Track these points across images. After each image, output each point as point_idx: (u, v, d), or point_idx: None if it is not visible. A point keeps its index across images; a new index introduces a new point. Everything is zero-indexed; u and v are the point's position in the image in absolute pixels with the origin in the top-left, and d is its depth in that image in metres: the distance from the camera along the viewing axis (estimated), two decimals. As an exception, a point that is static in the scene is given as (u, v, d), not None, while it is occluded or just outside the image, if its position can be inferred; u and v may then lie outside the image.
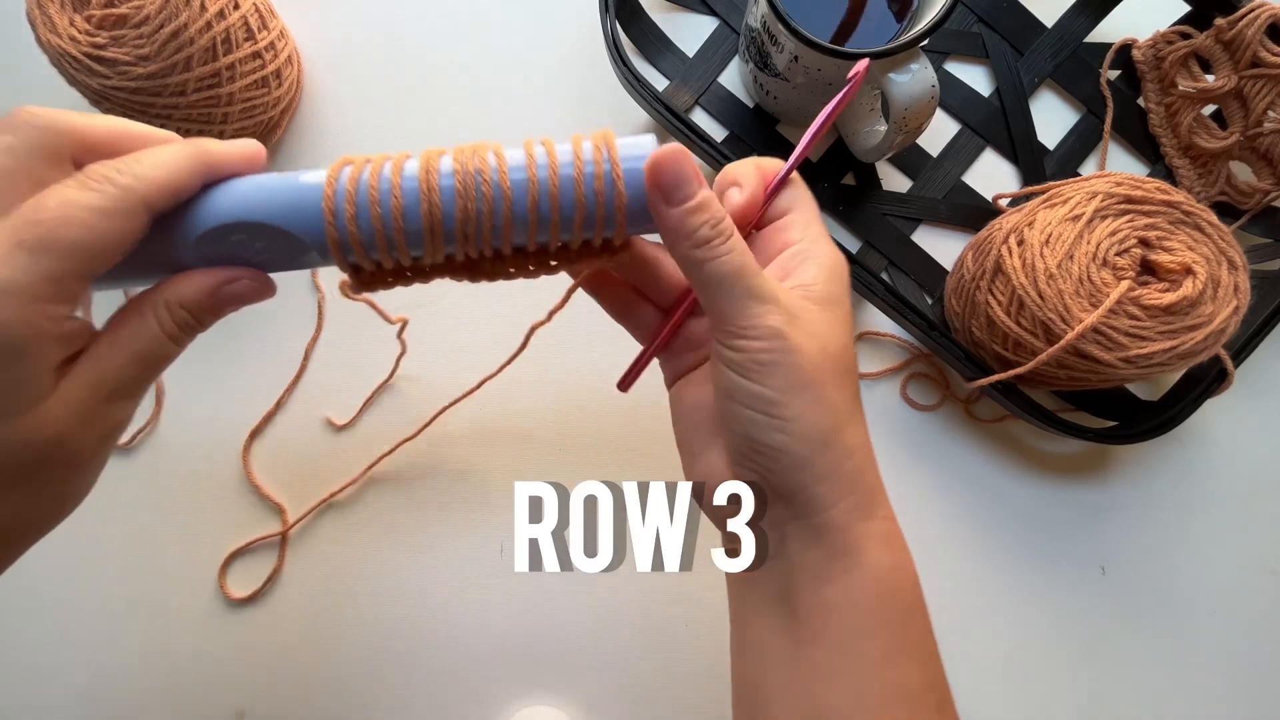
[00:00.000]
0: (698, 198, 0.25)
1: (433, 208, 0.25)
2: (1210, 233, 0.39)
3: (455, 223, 0.25)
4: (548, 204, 0.25)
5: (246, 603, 0.43)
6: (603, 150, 0.25)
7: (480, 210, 0.25)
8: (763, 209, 0.29)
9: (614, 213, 0.26)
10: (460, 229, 0.25)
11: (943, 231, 0.47)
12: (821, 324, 0.26)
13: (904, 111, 0.38)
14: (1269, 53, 0.43)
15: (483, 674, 0.43)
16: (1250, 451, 0.46)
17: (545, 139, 0.26)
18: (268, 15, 0.42)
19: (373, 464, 0.43)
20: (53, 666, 0.42)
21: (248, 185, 0.25)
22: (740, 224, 0.28)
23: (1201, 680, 0.44)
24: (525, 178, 0.25)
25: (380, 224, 0.25)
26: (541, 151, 0.25)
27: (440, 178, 0.25)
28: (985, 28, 0.49)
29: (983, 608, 0.45)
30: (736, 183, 0.28)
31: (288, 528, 0.43)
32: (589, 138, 0.26)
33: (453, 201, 0.25)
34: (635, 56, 0.48)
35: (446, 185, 0.25)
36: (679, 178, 0.25)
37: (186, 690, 0.42)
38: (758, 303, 0.25)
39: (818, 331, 0.26)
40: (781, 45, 0.39)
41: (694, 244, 0.25)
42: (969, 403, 0.46)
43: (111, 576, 0.43)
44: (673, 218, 0.25)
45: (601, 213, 0.25)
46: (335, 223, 0.25)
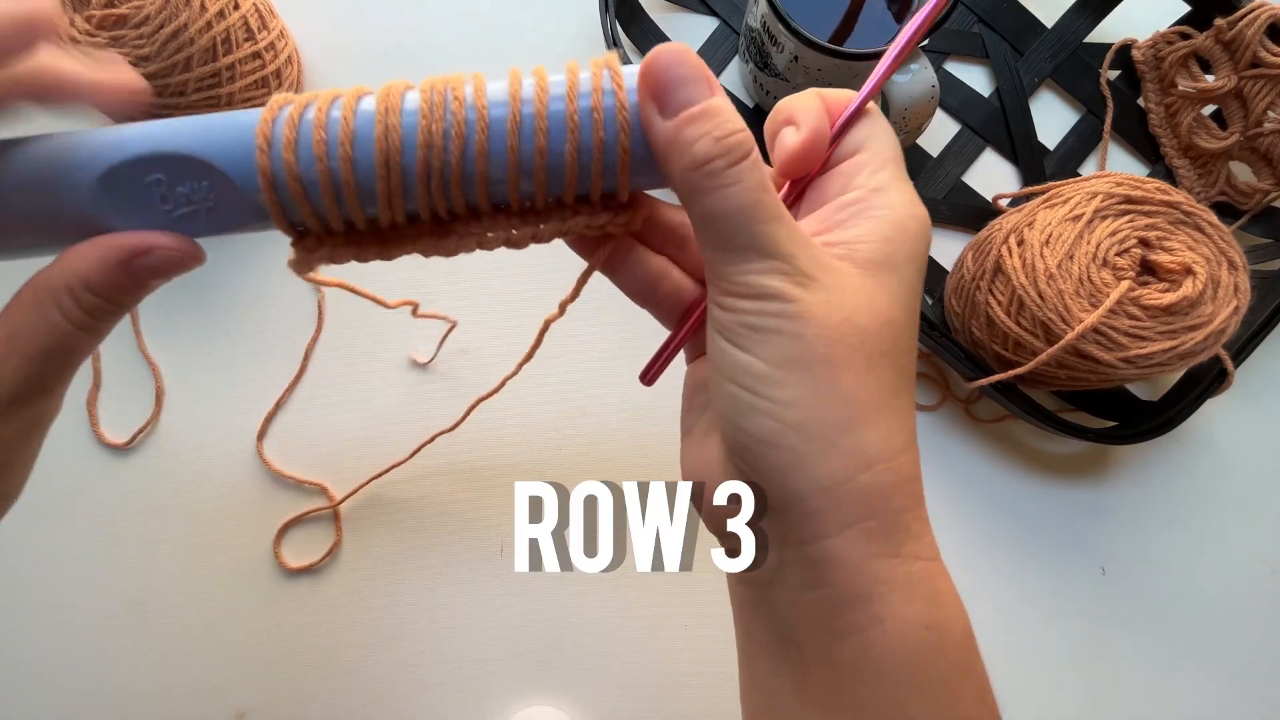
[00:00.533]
0: (701, 104, 0.20)
1: (390, 131, 0.20)
2: (1210, 233, 0.39)
3: (417, 161, 0.20)
4: (531, 142, 0.20)
5: (247, 602, 0.43)
6: (602, 77, 0.20)
7: (449, 143, 0.20)
8: (829, 152, 0.23)
9: (615, 157, 0.21)
10: (423, 167, 0.20)
11: (943, 231, 0.47)
12: (855, 292, 0.20)
13: (904, 111, 0.38)
14: (1269, 53, 0.43)
15: (483, 674, 0.43)
16: (1250, 451, 0.46)
17: (538, 67, 0.21)
18: (268, 15, 0.42)
19: (379, 473, 0.43)
20: (53, 667, 0.42)
21: (168, 120, 0.21)
22: (797, 171, 0.22)
23: (1201, 680, 0.44)
24: (506, 113, 0.20)
25: (324, 151, 0.20)
26: (530, 84, 0.20)
27: (404, 103, 0.20)
28: (985, 28, 0.49)
29: (983, 608, 0.45)
30: (792, 120, 0.22)
31: (286, 526, 0.43)
32: (589, 67, 0.21)
33: (414, 130, 0.20)
34: (635, 56, 0.48)
35: (409, 110, 0.20)
36: (678, 78, 0.20)
37: (187, 690, 0.42)
38: (759, 256, 0.20)
39: (845, 300, 0.20)
40: (781, 45, 0.39)
41: (689, 165, 0.20)
42: (969, 403, 0.46)
43: (110, 577, 0.43)
44: (666, 131, 0.20)
45: (600, 155, 0.20)
46: (270, 150, 0.20)
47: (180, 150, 0.20)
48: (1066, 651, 0.44)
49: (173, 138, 0.20)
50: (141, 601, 0.43)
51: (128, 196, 0.21)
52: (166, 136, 0.20)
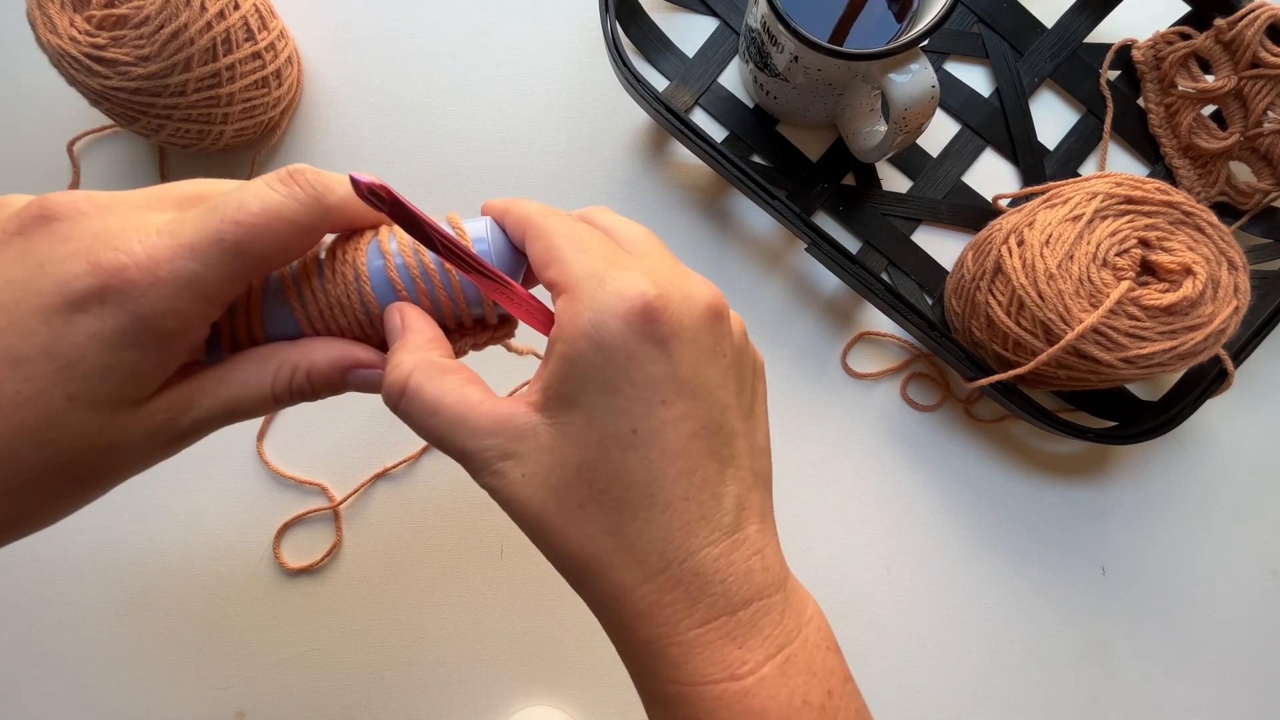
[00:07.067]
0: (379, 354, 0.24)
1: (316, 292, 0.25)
2: (1210, 233, 0.39)
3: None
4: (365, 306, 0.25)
5: (247, 602, 0.43)
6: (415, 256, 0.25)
7: (342, 308, 0.25)
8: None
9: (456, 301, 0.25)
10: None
11: (943, 231, 0.47)
12: (547, 451, 0.22)
13: (904, 112, 0.38)
14: (1269, 53, 0.43)
15: (483, 674, 0.43)
16: (1250, 451, 0.46)
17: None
18: (268, 15, 0.42)
19: (379, 473, 0.43)
20: (53, 667, 0.42)
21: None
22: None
23: (1201, 680, 0.44)
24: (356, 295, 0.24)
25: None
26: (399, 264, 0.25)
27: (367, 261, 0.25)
28: (985, 28, 0.49)
29: (982, 608, 0.45)
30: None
31: (286, 526, 0.43)
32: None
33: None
34: (635, 56, 0.48)
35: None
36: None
37: (187, 690, 0.42)
38: (467, 463, 0.22)
39: (539, 465, 0.21)
40: (781, 45, 0.39)
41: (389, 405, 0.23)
42: (969, 403, 0.46)
43: (110, 577, 0.43)
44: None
45: (448, 307, 0.25)
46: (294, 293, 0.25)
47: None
48: (1066, 651, 0.44)
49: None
50: (141, 601, 0.43)
51: None
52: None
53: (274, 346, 0.24)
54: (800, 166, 0.47)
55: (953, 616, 0.44)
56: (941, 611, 0.45)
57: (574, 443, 0.21)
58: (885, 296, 0.42)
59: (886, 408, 0.46)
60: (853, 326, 0.46)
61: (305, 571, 0.43)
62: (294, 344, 0.24)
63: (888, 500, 0.45)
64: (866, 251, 0.47)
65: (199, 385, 0.23)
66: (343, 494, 0.44)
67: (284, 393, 0.23)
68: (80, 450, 0.21)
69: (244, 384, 0.23)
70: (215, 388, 0.23)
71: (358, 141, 0.47)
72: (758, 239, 0.47)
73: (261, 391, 0.23)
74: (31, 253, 0.20)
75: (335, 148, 0.47)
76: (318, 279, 0.24)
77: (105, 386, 0.20)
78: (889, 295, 0.42)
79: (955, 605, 0.44)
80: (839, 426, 0.46)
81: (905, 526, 0.45)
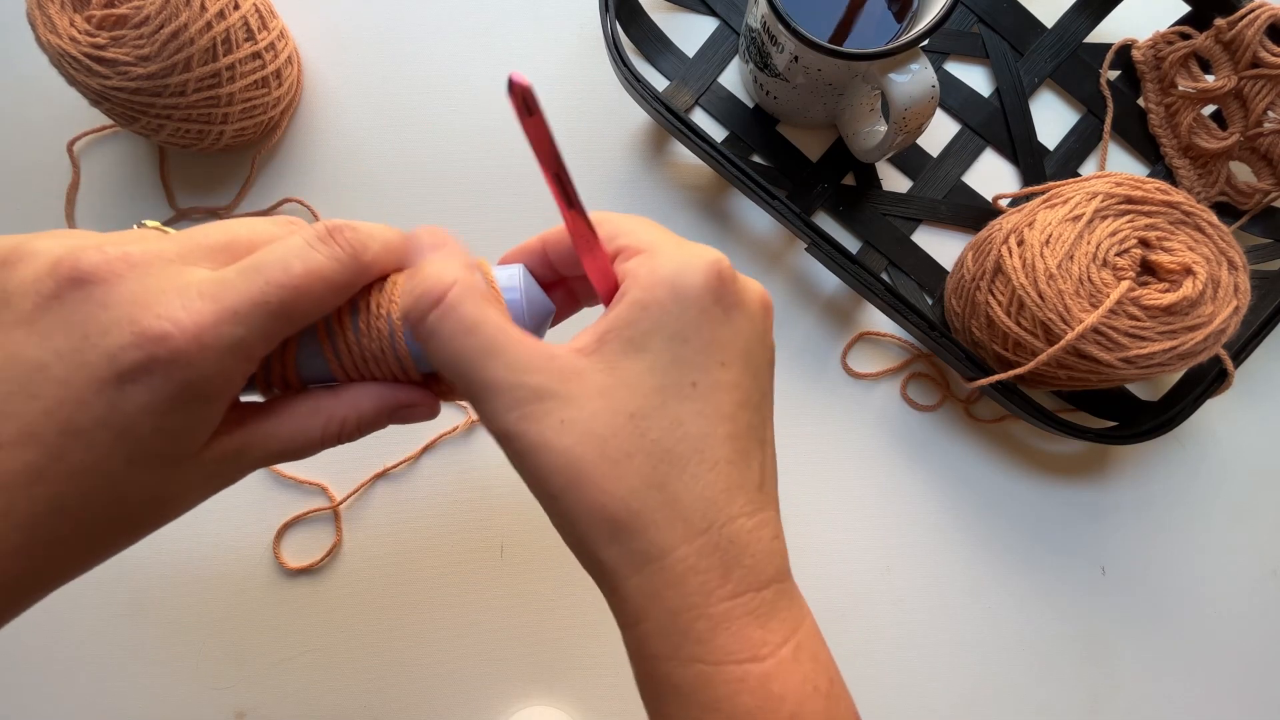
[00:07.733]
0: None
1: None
2: (1210, 233, 0.39)
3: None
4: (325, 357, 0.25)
5: (247, 603, 0.43)
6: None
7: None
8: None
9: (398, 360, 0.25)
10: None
11: (943, 231, 0.47)
12: (595, 395, 0.21)
13: (904, 112, 0.38)
14: (1269, 53, 0.43)
15: (483, 674, 0.43)
16: (1250, 451, 0.46)
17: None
18: (268, 15, 0.42)
19: (379, 473, 0.43)
20: (53, 667, 0.42)
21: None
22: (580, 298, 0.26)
23: (1201, 680, 0.44)
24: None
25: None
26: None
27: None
28: (985, 28, 0.49)
29: (982, 608, 0.45)
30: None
31: (286, 526, 0.43)
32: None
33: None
34: (635, 56, 0.48)
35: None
36: (417, 244, 0.24)
37: (187, 690, 0.42)
38: (487, 397, 0.21)
39: (582, 411, 0.21)
40: (781, 45, 0.39)
41: (406, 320, 0.23)
42: (969, 403, 0.46)
43: (110, 577, 0.43)
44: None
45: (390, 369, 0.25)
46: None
47: None
48: (1066, 651, 0.44)
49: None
50: (141, 601, 0.43)
51: None
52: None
53: (319, 398, 0.24)
54: (800, 166, 0.47)
55: (953, 616, 0.44)
56: (941, 611, 0.45)
57: (630, 389, 0.21)
58: (885, 296, 0.42)
59: (886, 408, 0.46)
60: (853, 326, 0.46)
61: (305, 571, 0.43)
62: (338, 396, 0.24)
63: (888, 500, 0.45)
64: (866, 251, 0.47)
65: (249, 438, 0.23)
66: (343, 494, 0.44)
67: (331, 440, 0.24)
68: (141, 502, 0.22)
69: (293, 437, 0.24)
70: (266, 442, 0.23)
71: (358, 141, 0.47)
72: (758, 239, 0.47)
73: (310, 441, 0.24)
74: (74, 321, 0.20)
75: (335, 148, 0.47)
76: (352, 331, 0.24)
77: (160, 447, 0.21)
78: (889, 295, 0.42)
79: (955, 605, 0.44)
80: (839, 426, 0.46)
81: (905, 526, 0.45)
